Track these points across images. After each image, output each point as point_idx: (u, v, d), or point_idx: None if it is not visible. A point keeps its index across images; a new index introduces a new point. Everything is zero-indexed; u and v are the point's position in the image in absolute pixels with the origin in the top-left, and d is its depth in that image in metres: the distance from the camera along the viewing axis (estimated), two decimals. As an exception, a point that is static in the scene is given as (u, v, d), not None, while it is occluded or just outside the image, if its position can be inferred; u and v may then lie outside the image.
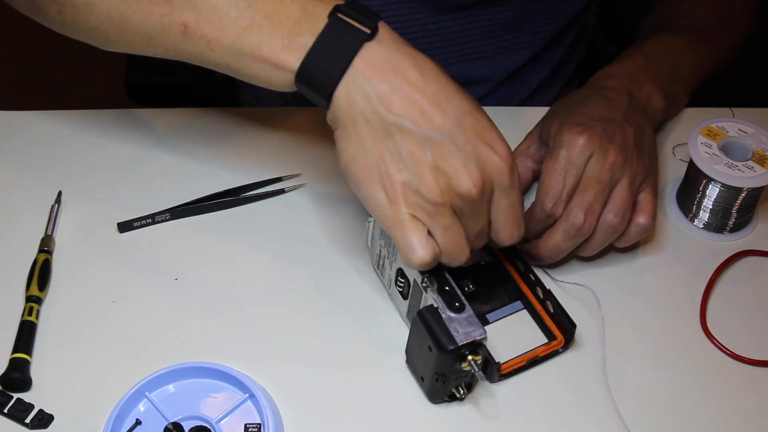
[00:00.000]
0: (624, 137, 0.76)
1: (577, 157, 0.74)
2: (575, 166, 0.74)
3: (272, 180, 0.83)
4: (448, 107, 0.63)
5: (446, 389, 0.67)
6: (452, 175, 0.62)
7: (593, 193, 0.73)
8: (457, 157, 0.62)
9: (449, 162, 0.62)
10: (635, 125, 0.78)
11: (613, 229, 0.74)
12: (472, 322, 0.64)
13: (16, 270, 0.75)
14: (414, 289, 0.69)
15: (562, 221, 0.73)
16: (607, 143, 0.74)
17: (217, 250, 0.78)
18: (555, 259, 0.76)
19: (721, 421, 0.70)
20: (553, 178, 0.74)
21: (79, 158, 0.84)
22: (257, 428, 0.65)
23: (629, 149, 0.76)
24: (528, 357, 0.71)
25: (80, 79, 2.13)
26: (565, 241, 0.74)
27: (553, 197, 0.74)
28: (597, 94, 0.81)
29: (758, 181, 0.77)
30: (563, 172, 0.74)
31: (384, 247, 0.73)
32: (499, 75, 1.03)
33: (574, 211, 0.73)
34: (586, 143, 0.74)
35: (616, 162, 0.74)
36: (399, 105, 0.62)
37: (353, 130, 0.63)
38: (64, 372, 0.69)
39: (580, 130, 0.75)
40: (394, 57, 0.63)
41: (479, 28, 0.99)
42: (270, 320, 0.74)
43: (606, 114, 0.78)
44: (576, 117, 0.77)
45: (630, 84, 0.83)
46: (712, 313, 0.76)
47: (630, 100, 0.81)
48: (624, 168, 0.74)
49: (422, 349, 0.66)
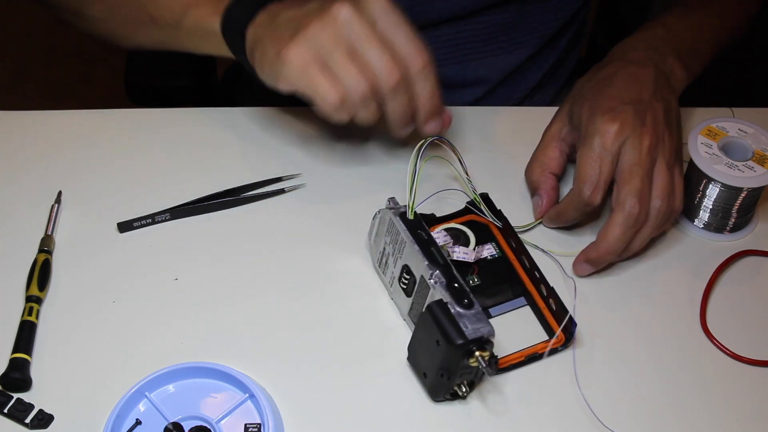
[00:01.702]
0: (655, 117, 0.76)
1: (612, 144, 0.74)
2: (610, 153, 0.74)
3: (272, 180, 0.83)
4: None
5: (450, 385, 0.67)
6: (330, 6, 0.69)
7: (639, 179, 0.73)
8: (335, 2, 0.69)
9: (327, 3, 0.69)
10: (663, 101, 0.78)
11: (663, 214, 0.75)
12: (480, 318, 0.65)
13: (16, 270, 0.75)
14: (420, 285, 0.69)
15: (617, 213, 0.74)
16: (640, 127, 0.75)
17: (217, 250, 0.78)
18: (616, 254, 0.75)
19: (721, 421, 0.70)
20: (589, 165, 0.75)
21: (79, 158, 0.84)
22: (257, 428, 0.65)
23: (660, 128, 0.76)
24: (527, 353, 0.71)
25: (80, 79, 2.13)
26: (625, 232, 0.74)
27: (591, 185, 0.74)
28: (623, 70, 0.80)
29: (758, 181, 0.77)
30: (599, 160, 0.74)
31: (389, 244, 0.73)
32: (497, 76, 1.03)
33: (628, 200, 0.73)
34: (619, 130, 0.74)
35: (651, 145, 0.74)
36: (285, 8, 0.72)
37: (258, 43, 0.73)
38: (64, 372, 0.69)
39: (612, 117, 0.75)
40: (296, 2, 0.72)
41: (475, 31, 0.99)
42: (270, 320, 0.74)
43: (635, 94, 0.77)
44: (606, 101, 0.77)
45: (653, 55, 0.82)
46: (712, 313, 0.76)
47: (656, 74, 0.80)
48: (658, 149, 0.75)
49: (429, 343, 0.66)
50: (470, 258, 0.75)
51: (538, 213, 0.81)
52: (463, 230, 0.78)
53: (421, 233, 0.70)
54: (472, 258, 0.75)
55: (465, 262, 0.75)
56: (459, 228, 0.78)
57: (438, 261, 0.69)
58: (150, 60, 1.12)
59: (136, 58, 1.13)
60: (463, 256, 0.75)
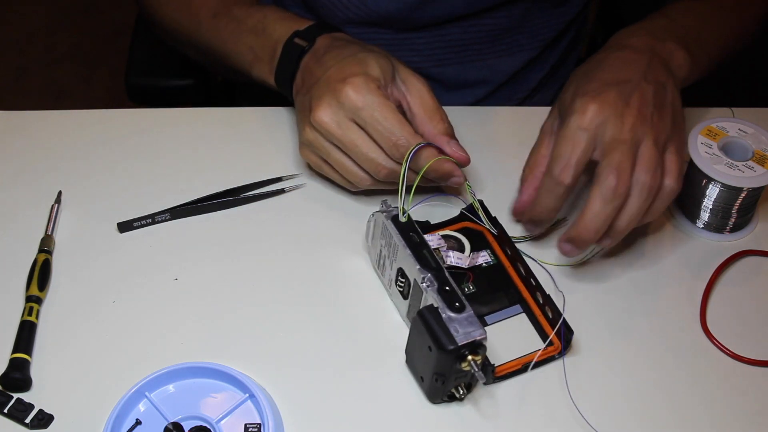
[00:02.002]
0: (642, 98, 0.73)
1: (589, 122, 0.72)
2: (586, 131, 0.71)
3: (272, 180, 0.83)
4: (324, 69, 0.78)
5: (446, 389, 0.67)
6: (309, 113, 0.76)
7: (619, 153, 0.70)
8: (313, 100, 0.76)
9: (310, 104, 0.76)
10: (655, 83, 0.75)
11: (648, 189, 0.71)
12: (472, 322, 0.64)
13: (16, 270, 0.75)
14: (414, 289, 0.69)
15: (594, 187, 0.70)
16: (623, 107, 0.72)
17: (217, 250, 0.78)
18: (599, 234, 0.71)
19: (721, 421, 0.70)
20: (561, 145, 0.72)
21: (79, 158, 0.84)
22: (257, 428, 0.65)
23: (648, 109, 0.73)
24: (523, 361, 0.71)
25: (80, 79, 2.13)
26: (603, 207, 0.70)
27: (561, 162, 0.72)
28: (614, 54, 0.78)
29: (758, 181, 0.77)
30: (572, 138, 0.72)
31: (384, 247, 0.73)
32: (498, 78, 1.03)
33: (604, 173, 0.70)
34: (598, 109, 0.72)
35: (635, 124, 0.71)
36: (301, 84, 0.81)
37: None
38: (64, 372, 0.69)
39: (591, 96, 0.73)
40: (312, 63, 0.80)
41: (479, 33, 0.99)
42: (270, 320, 0.74)
43: (622, 75, 0.75)
44: (589, 84, 0.75)
45: (651, 41, 0.79)
46: (712, 313, 0.76)
47: (651, 57, 0.77)
48: (645, 127, 0.72)
49: (422, 349, 0.66)
50: (464, 263, 0.75)
51: (513, 207, 0.79)
52: (458, 237, 0.78)
53: (413, 236, 0.70)
54: (466, 263, 0.75)
55: (459, 267, 0.75)
56: (454, 235, 0.78)
57: (430, 264, 0.68)
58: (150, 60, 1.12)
59: (136, 58, 1.13)
60: (457, 261, 0.74)
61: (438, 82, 1.02)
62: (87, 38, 2.21)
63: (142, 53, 1.12)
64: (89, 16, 2.24)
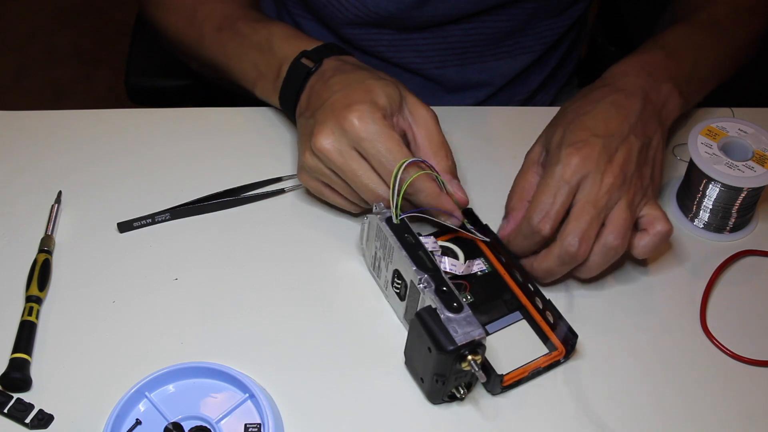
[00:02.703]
0: (627, 154, 0.74)
1: (571, 176, 0.72)
2: (568, 184, 0.72)
3: (272, 180, 0.83)
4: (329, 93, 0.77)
5: (446, 390, 0.67)
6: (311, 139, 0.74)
7: (588, 219, 0.71)
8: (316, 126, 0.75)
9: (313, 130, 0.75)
10: (642, 137, 0.76)
11: (614, 252, 0.72)
12: (470, 321, 0.64)
13: (16, 270, 0.75)
14: (411, 290, 0.69)
15: (556, 246, 0.72)
16: (605, 164, 0.72)
17: (217, 250, 0.78)
18: (548, 280, 0.75)
19: (721, 421, 0.70)
20: (543, 194, 0.73)
21: (79, 158, 0.84)
22: (257, 428, 0.65)
23: (630, 168, 0.73)
24: (530, 368, 0.70)
25: (80, 79, 2.13)
26: (558, 267, 0.72)
27: (540, 213, 0.72)
28: (607, 99, 0.78)
29: (758, 181, 0.77)
30: (554, 189, 0.72)
31: (379, 249, 0.73)
32: (499, 80, 1.03)
33: (569, 237, 0.71)
34: (581, 163, 0.72)
35: (614, 184, 0.72)
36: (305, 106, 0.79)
37: None
38: (64, 372, 0.69)
39: (577, 148, 0.73)
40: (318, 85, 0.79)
41: (482, 35, 0.99)
42: (270, 320, 0.74)
43: (612, 126, 0.75)
44: (578, 131, 0.75)
45: (646, 83, 0.79)
46: (712, 313, 0.76)
47: (643, 105, 0.77)
48: (622, 189, 0.72)
49: (421, 350, 0.66)
50: (458, 270, 0.74)
51: (499, 233, 0.78)
52: (451, 247, 0.77)
53: (408, 237, 0.70)
54: (460, 271, 0.75)
55: (454, 274, 0.74)
56: (447, 246, 0.77)
57: (426, 265, 0.68)
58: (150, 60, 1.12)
59: (136, 58, 1.13)
60: (451, 267, 0.74)
61: (439, 84, 1.02)
62: (87, 38, 2.21)
63: (142, 53, 1.12)
64: (89, 16, 2.24)
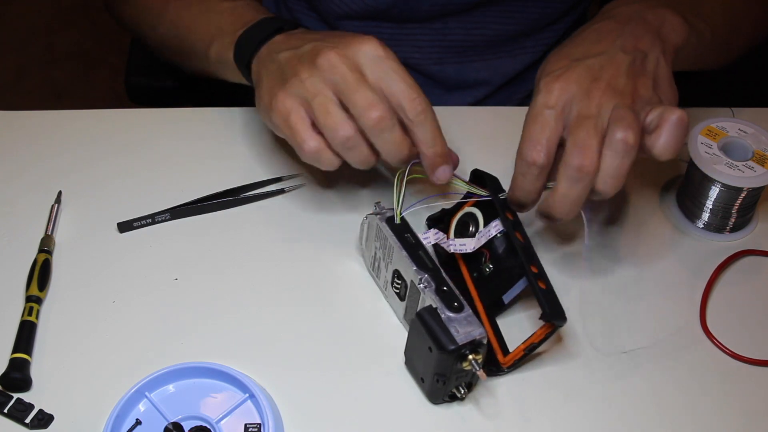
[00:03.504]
0: (615, 70, 0.69)
1: (555, 101, 0.68)
2: (552, 109, 0.68)
3: (272, 180, 0.83)
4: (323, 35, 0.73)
5: (447, 389, 0.67)
6: (317, 54, 0.70)
7: (585, 129, 0.66)
8: (323, 44, 0.70)
9: (317, 48, 0.70)
10: (633, 52, 0.70)
11: (625, 147, 0.66)
12: (471, 321, 0.64)
13: (16, 270, 0.75)
14: (411, 290, 0.69)
15: (561, 169, 0.67)
16: (589, 82, 0.68)
17: (217, 250, 0.78)
18: (572, 213, 0.68)
19: (721, 420, 0.70)
20: (528, 126, 0.69)
21: (79, 158, 0.84)
22: (257, 428, 0.65)
23: (620, 81, 0.69)
24: (524, 346, 0.68)
25: (80, 79, 2.13)
26: (571, 188, 0.67)
27: (530, 144, 0.68)
28: (593, 27, 0.74)
29: (758, 181, 0.77)
30: (539, 118, 0.68)
31: (379, 249, 0.73)
32: (498, 79, 1.03)
33: (568, 152, 0.67)
34: (563, 86, 0.68)
35: (604, 98, 0.67)
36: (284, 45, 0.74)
37: (259, 81, 0.74)
38: (64, 372, 0.69)
39: (556, 76, 0.69)
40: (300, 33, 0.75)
41: (483, 36, 0.99)
42: (270, 320, 0.74)
43: (593, 49, 0.71)
44: (558, 61, 0.71)
45: (641, 9, 0.75)
46: (712, 313, 0.76)
47: (635, 25, 0.73)
48: (614, 100, 0.67)
49: (422, 350, 0.66)
50: (468, 248, 0.72)
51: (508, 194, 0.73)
52: (473, 212, 0.75)
53: (408, 237, 0.70)
54: (471, 248, 0.72)
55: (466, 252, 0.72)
56: (470, 211, 0.75)
57: (426, 265, 0.68)
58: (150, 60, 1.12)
59: (136, 58, 1.13)
60: (460, 247, 0.73)
61: (437, 82, 1.02)
62: (87, 38, 2.21)
63: (142, 53, 1.12)
64: (89, 16, 2.24)
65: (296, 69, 0.70)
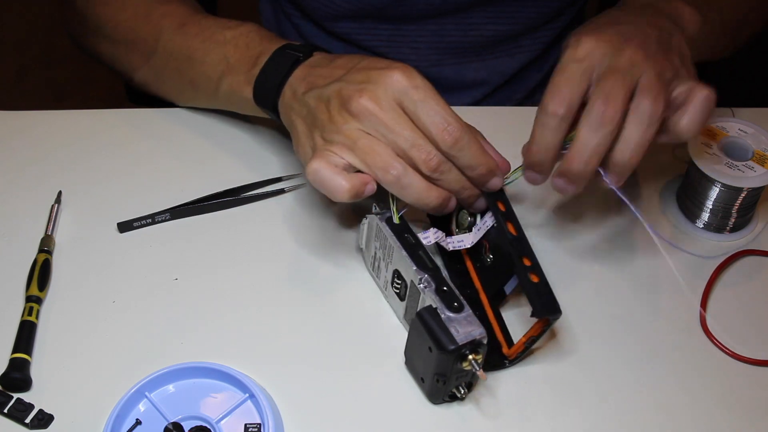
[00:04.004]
0: (644, 38, 0.68)
1: (583, 54, 0.66)
2: (579, 62, 0.66)
3: (272, 180, 0.83)
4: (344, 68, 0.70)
5: (447, 389, 0.67)
6: (347, 100, 0.66)
7: (612, 80, 0.65)
8: (350, 86, 0.67)
9: (345, 92, 0.67)
10: (659, 28, 0.70)
11: (650, 115, 0.64)
12: (471, 321, 0.64)
13: (16, 270, 0.75)
14: (411, 290, 0.69)
15: (583, 117, 0.65)
16: (621, 42, 0.66)
17: (217, 250, 0.78)
18: (588, 168, 0.66)
19: (722, 420, 0.70)
20: (552, 78, 0.67)
21: (79, 158, 0.84)
22: (257, 428, 0.65)
23: (651, 47, 0.67)
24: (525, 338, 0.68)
25: (80, 79, 2.13)
26: (591, 136, 0.64)
27: (551, 95, 0.66)
28: (612, 11, 0.74)
29: (758, 181, 0.77)
30: (564, 71, 0.67)
31: (379, 249, 0.73)
32: (497, 78, 1.03)
33: (592, 99, 0.65)
34: (594, 43, 0.66)
35: (635, 57, 0.65)
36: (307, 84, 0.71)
37: (292, 125, 0.72)
38: (64, 372, 0.69)
39: (586, 33, 0.67)
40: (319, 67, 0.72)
41: (480, 37, 0.99)
42: (270, 320, 0.74)
43: (622, 18, 0.70)
44: (587, 26, 0.70)
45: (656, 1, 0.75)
46: (712, 313, 0.76)
47: (653, 11, 0.73)
48: (646, 63, 0.65)
49: (422, 350, 0.66)
50: (467, 243, 0.72)
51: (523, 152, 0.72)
52: None
53: (408, 237, 0.70)
54: (469, 243, 0.72)
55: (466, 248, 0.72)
56: None
57: (426, 265, 0.68)
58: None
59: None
60: (459, 244, 0.72)
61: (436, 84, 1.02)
62: (87, 38, 2.21)
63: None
64: (89, 16, 2.24)
65: (330, 116, 0.68)
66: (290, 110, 0.72)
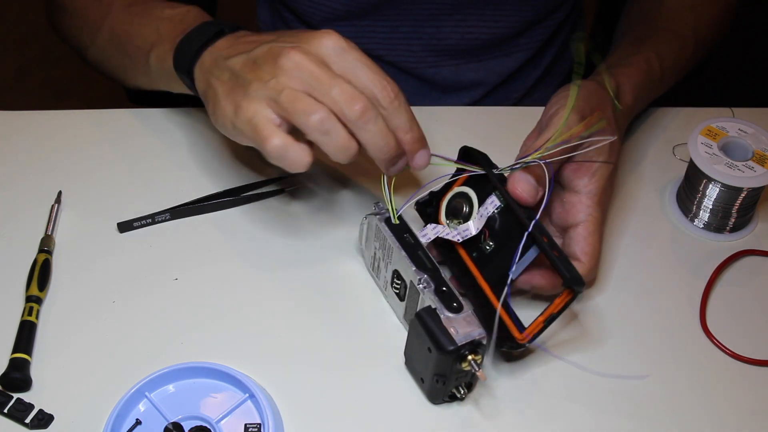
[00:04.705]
0: None
1: None
2: None
3: (272, 180, 0.83)
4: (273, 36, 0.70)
5: (447, 390, 0.67)
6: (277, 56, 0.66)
7: None
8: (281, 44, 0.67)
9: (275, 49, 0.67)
10: None
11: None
12: (470, 321, 0.64)
13: (16, 270, 0.75)
14: (411, 290, 0.69)
15: None
16: None
17: (217, 250, 0.78)
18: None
19: (721, 420, 0.70)
20: None
21: (79, 158, 0.84)
22: (257, 428, 0.65)
23: None
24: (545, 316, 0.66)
25: (80, 79, 2.13)
26: None
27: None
28: None
29: (758, 181, 0.77)
30: None
31: (379, 249, 0.73)
32: (494, 78, 1.03)
33: None
34: None
35: None
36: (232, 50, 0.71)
37: (209, 89, 0.71)
38: (64, 372, 0.69)
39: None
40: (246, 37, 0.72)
41: (477, 39, 0.99)
42: (270, 320, 0.74)
43: None
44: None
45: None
46: (712, 313, 0.76)
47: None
48: None
49: (422, 350, 0.66)
50: (473, 230, 0.70)
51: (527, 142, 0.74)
52: (466, 192, 0.73)
53: (407, 237, 0.70)
54: (474, 230, 0.70)
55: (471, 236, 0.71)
56: (462, 191, 0.73)
57: (426, 265, 0.68)
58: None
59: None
60: (465, 233, 0.71)
61: (434, 86, 1.02)
62: (87, 38, 2.21)
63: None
64: (89, 16, 2.24)
65: (257, 74, 0.67)
66: (209, 75, 0.71)
